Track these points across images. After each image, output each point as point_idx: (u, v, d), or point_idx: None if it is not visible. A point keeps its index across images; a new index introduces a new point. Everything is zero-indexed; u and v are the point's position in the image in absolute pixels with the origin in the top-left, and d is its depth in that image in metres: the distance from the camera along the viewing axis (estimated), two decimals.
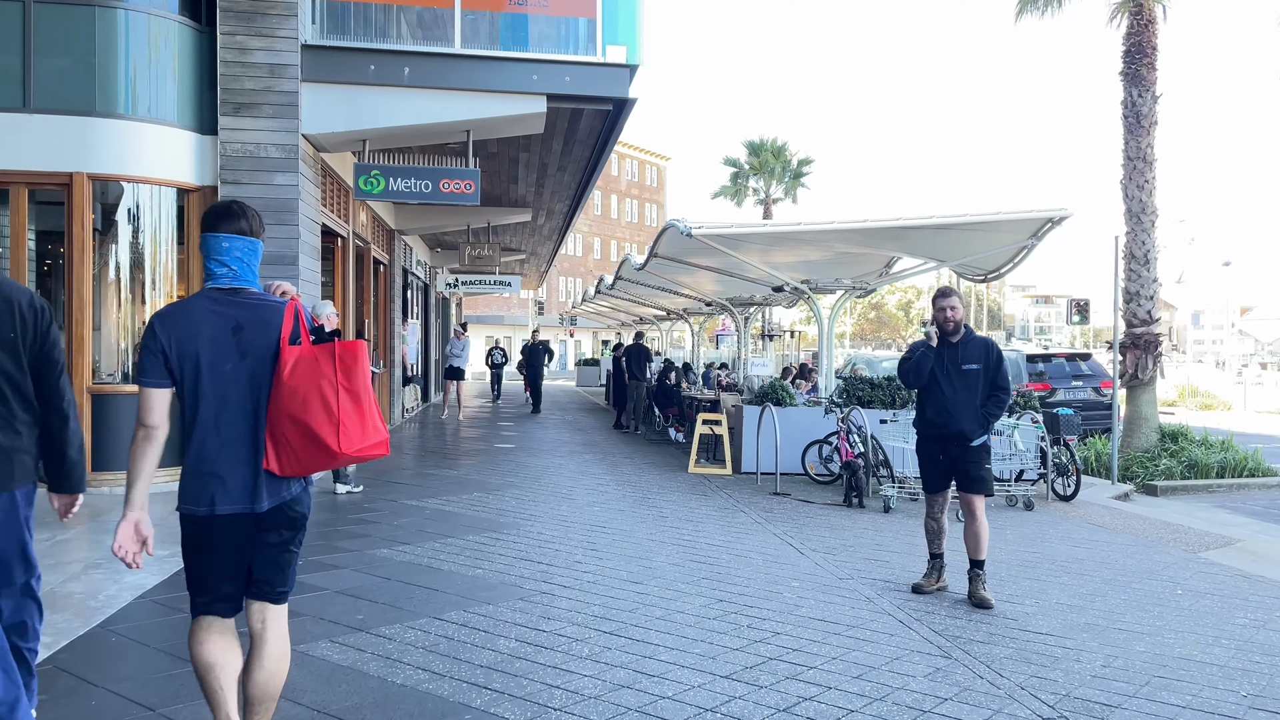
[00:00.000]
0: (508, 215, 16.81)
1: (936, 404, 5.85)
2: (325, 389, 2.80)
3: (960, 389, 5.78)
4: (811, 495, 10.04)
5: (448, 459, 12.11)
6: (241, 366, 2.89)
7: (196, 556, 2.97)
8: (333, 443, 2.77)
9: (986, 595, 5.67)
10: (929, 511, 6.04)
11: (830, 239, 12.80)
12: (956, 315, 5.86)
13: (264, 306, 2.94)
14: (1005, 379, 5.83)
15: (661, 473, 11.36)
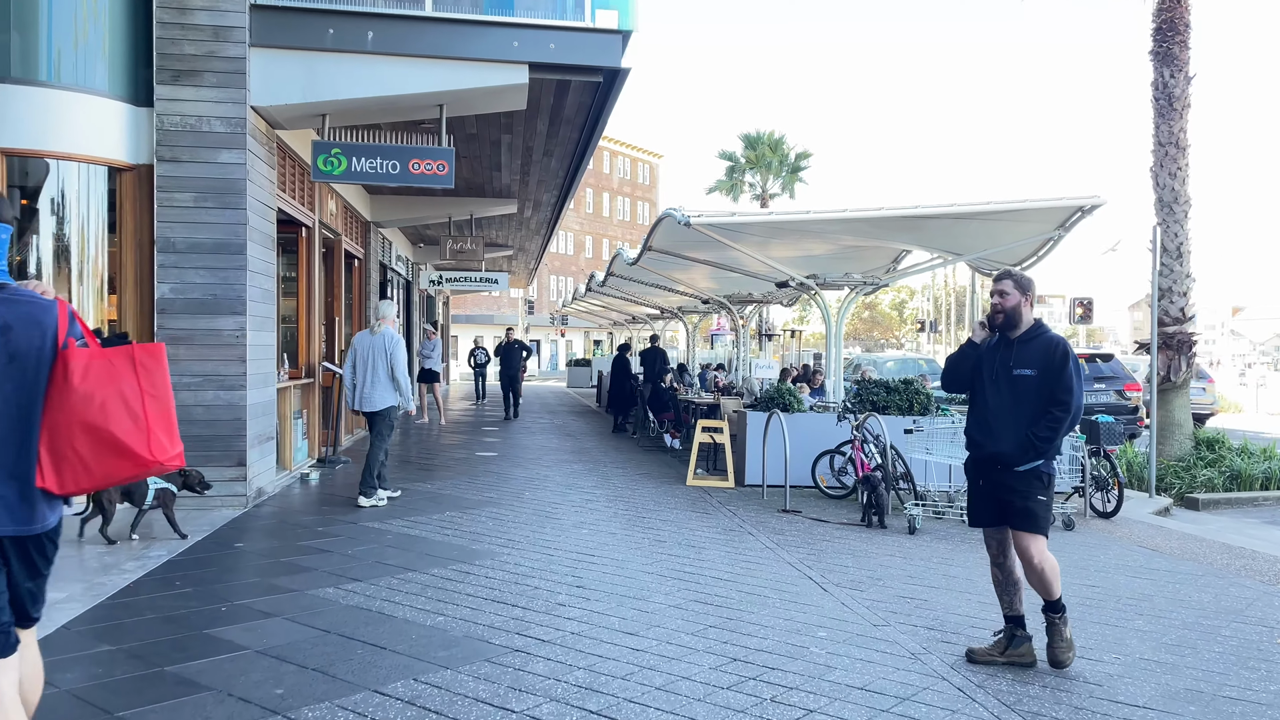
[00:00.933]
0: (492, 206, 15.75)
1: (977, 416, 4.73)
2: (128, 394, 2.59)
3: (1007, 399, 4.57)
4: (825, 512, 9.00)
5: (422, 470, 11.04)
6: (8, 371, 2.51)
7: None
8: (143, 450, 2.58)
9: (1063, 652, 4.55)
10: (991, 548, 4.82)
11: (838, 230, 11.79)
12: (1007, 304, 4.63)
13: (34, 304, 2.58)
14: (1067, 391, 4.47)
15: (657, 485, 10.32)
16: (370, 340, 8.62)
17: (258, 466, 8.46)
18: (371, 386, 8.54)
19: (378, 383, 8.51)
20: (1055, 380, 4.48)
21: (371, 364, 8.52)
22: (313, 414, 11.46)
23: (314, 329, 11.45)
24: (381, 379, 8.50)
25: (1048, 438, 4.45)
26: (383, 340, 8.57)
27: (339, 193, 12.81)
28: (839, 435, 10.00)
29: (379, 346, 8.56)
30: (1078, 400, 4.46)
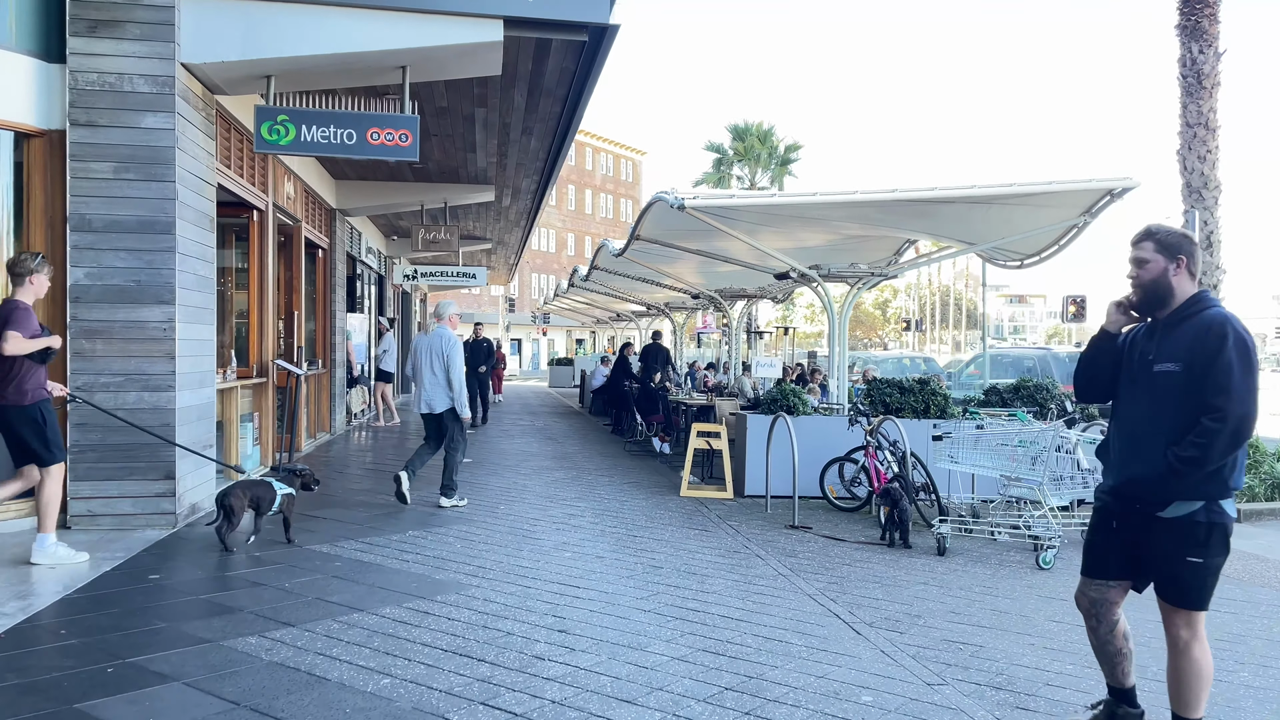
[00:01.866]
0: (467, 194, 14.66)
1: (1112, 433, 3.52)
2: None
3: (1144, 406, 3.37)
4: (838, 528, 8.01)
5: (385, 480, 9.95)
6: None
7: None
8: None
9: None
10: (1082, 605, 3.60)
11: (842, 216, 10.81)
12: (1146, 274, 3.37)
13: None
14: (1220, 390, 3.15)
15: (648, 497, 9.29)
16: (427, 341, 8.37)
17: (191, 479, 7.36)
18: (432, 388, 8.30)
19: (437, 384, 8.27)
20: (1205, 375, 3.19)
21: (429, 365, 8.26)
22: (266, 418, 10.35)
23: (268, 324, 10.35)
24: (441, 380, 8.27)
25: (1194, 459, 3.15)
26: (439, 340, 8.28)
27: (297, 174, 11.70)
28: (849, 441, 9.01)
29: (434, 347, 8.28)
30: (1242, 405, 3.14)
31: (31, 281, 5.69)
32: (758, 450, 9.34)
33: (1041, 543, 6.94)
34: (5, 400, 5.55)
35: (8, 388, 5.54)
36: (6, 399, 5.55)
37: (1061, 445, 7.69)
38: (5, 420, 5.60)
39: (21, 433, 5.61)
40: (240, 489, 6.42)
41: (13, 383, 5.54)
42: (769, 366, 10.15)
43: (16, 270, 5.70)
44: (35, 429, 5.61)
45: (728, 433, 9.57)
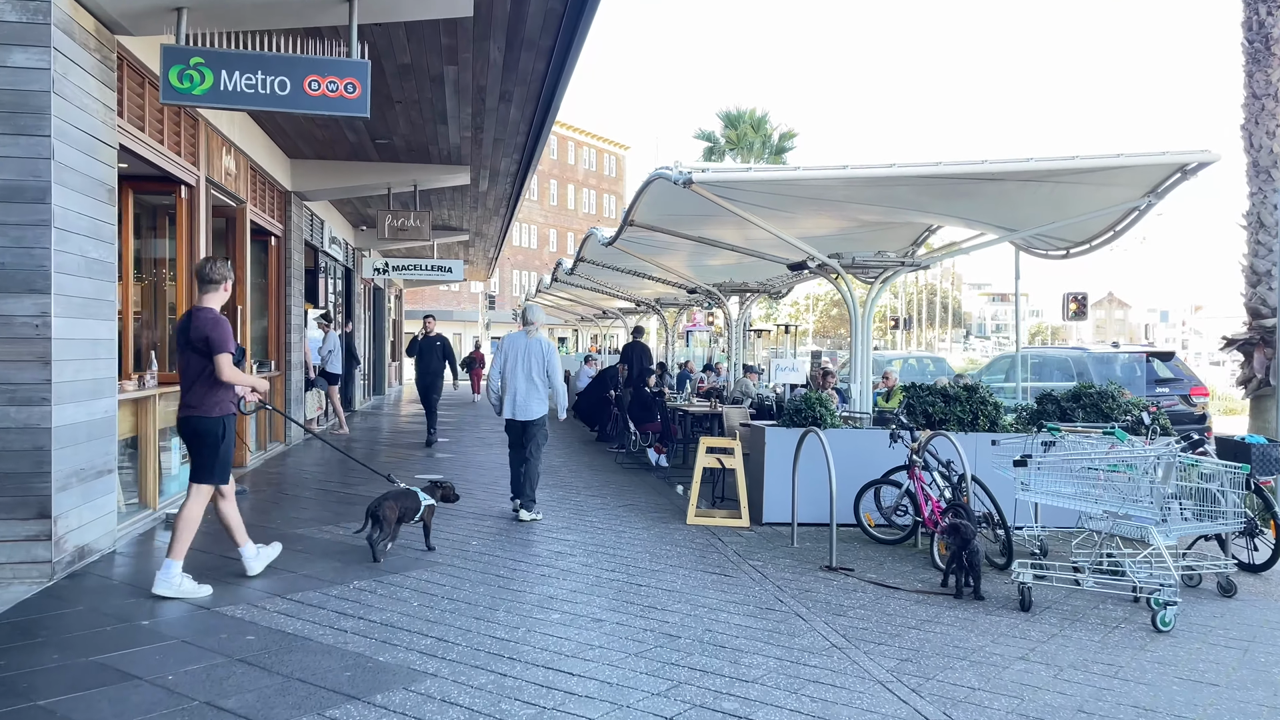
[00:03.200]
0: (439, 175, 13.12)
1: None
2: None
3: None
4: (884, 568, 6.57)
5: (332, 506, 8.43)
6: None
7: None
8: None
9: None
10: None
11: (870, 195, 9.39)
12: None
13: None
14: None
15: (650, 524, 7.83)
16: (527, 343, 8.06)
17: (76, 516, 5.82)
18: (528, 394, 8.02)
19: (534, 390, 8.03)
20: None
21: (528, 369, 7.99)
22: None
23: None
24: (541, 386, 8.04)
25: None
26: (540, 344, 8.08)
27: (240, 148, 10.13)
28: (887, 459, 7.58)
29: (536, 351, 8.03)
30: None
31: (225, 289, 5.50)
32: (781, 470, 7.90)
33: (1151, 595, 5.53)
34: (192, 410, 5.35)
35: (195, 396, 5.34)
36: (194, 409, 5.34)
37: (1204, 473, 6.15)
38: (190, 431, 5.41)
39: (200, 445, 5.40)
40: (392, 500, 6.38)
41: (201, 392, 5.33)
42: (790, 370, 8.65)
43: (210, 276, 5.42)
44: (213, 444, 5.39)
45: (741, 448, 8.11)
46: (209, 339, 5.23)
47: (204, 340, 5.22)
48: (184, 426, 5.42)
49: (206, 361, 5.27)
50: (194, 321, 5.29)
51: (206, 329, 5.24)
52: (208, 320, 5.28)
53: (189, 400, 5.35)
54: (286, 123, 10.74)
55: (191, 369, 5.33)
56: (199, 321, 5.27)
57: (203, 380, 5.31)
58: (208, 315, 5.31)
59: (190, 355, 5.31)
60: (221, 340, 5.25)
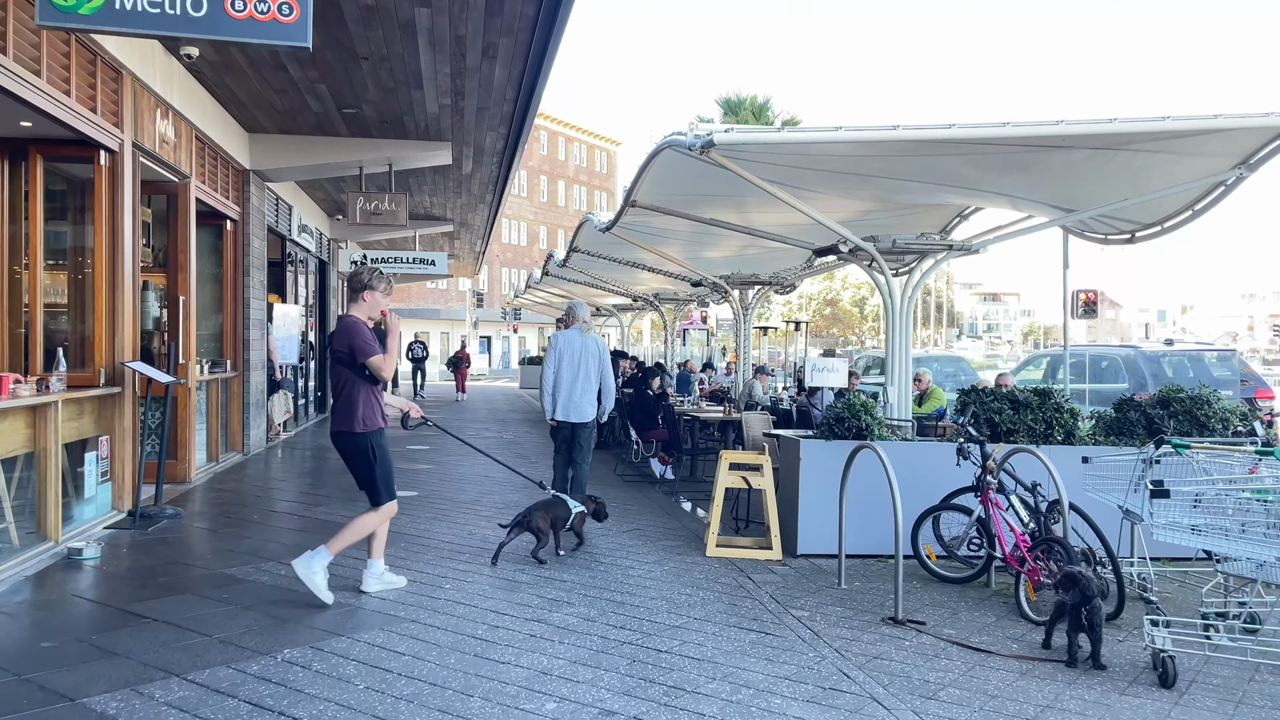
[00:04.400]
0: (417, 153, 11.74)
1: None
2: None
3: None
4: (959, 618, 5.25)
5: (284, 534, 7.05)
6: None
7: None
8: None
9: None
10: None
11: (915, 168, 8.11)
12: None
13: None
14: None
15: (663, 557, 6.48)
16: (582, 343, 7.71)
17: None
18: (583, 394, 7.66)
19: (588, 391, 7.68)
20: None
21: (581, 371, 7.64)
22: (122, 442, 7.40)
23: (124, 310, 7.40)
24: (594, 388, 7.71)
25: None
26: (595, 344, 7.78)
27: (180, 112, 8.74)
28: (947, 478, 6.27)
29: (592, 350, 7.71)
30: None
31: (365, 298, 5.26)
32: (819, 491, 6.56)
33: None
34: (340, 427, 5.17)
35: (342, 412, 5.16)
36: (341, 426, 5.16)
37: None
38: (341, 450, 5.26)
39: (355, 465, 5.23)
40: (542, 509, 6.31)
41: (347, 407, 5.14)
42: (830, 371, 7.23)
43: (353, 285, 5.31)
44: (366, 463, 5.18)
45: (770, 464, 6.75)
46: (352, 347, 5.05)
47: (348, 349, 5.06)
48: (335, 444, 5.25)
49: (352, 374, 5.10)
50: (337, 330, 5.18)
51: (348, 337, 5.07)
52: (346, 327, 5.11)
53: (336, 416, 5.17)
54: (238, 85, 9.34)
55: (338, 382, 5.18)
56: (340, 329, 5.15)
57: (349, 394, 5.12)
58: (347, 322, 5.13)
59: (338, 368, 5.16)
60: (366, 346, 5.05)
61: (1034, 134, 6.78)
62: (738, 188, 9.03)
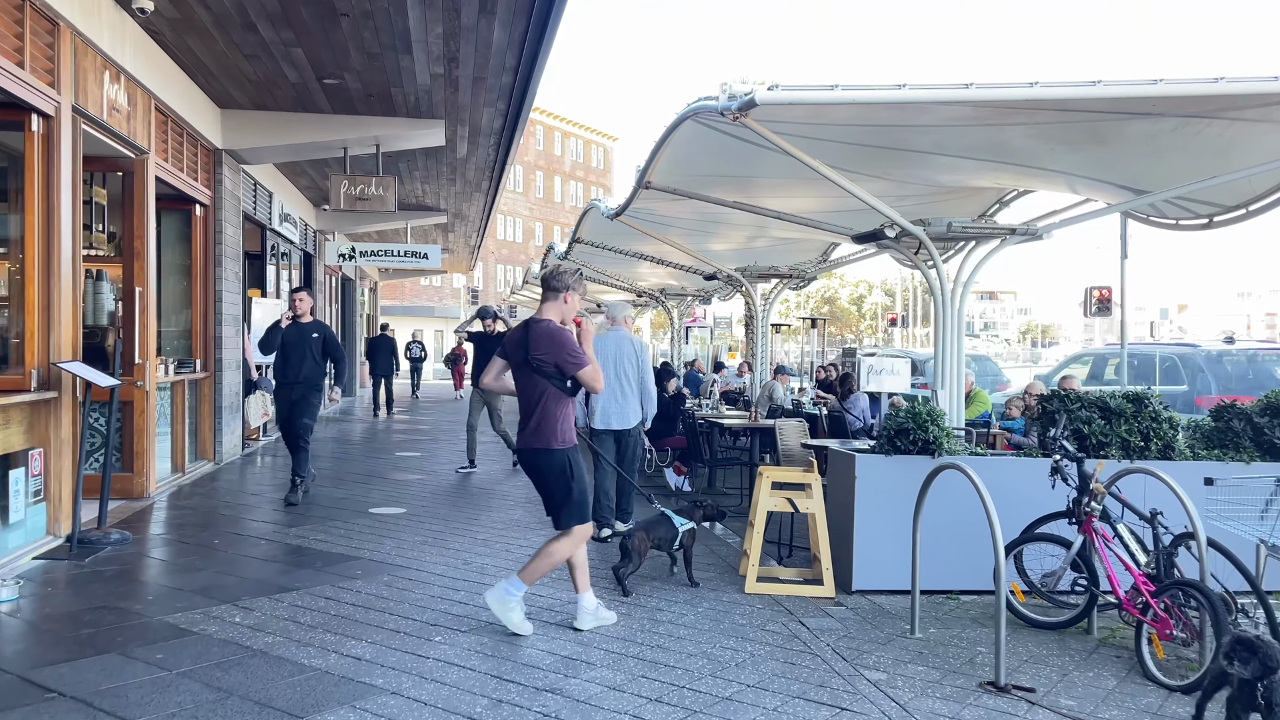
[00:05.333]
0: (407, 131, 10.69)
1: None
2: None
3: None
4: (1074, 684, 4.23)
5: (248, 565, 6.00)
6: None
7: None
8: None
9: None
10: None
11: (977, 137, 7.09)
12: None
13: None
14: None
15: (694, 596, 5.45)
16: (618, 343, 7.11)
17: None
18: (623, 400, 7.09)
19: (629, 395, 7.12)
20: None
21: (623, 371, 7.07)
22: (58, 455, 6.34)
23: (61, 303, 6.34)
24: (634, 391, 7.16)
25: None
26: (631, 344, 7.22)
27: (135, 77, 7.68)
28: (1029, 500, 5.27)
29: (629, 352, 7.16)
30: None
31: (566, 300, 4.76)
32: (879, 516, 5.55)
33: None
34: (532, 442, 4.61)
35: (533, 426, 4.60)
36: (533, 440, 4.60)
37: None
38: (532, 468, 4.69)
39: (547, 484, 4.67)
40: (643, 531, 5.65)
41: (539, 419, 4.59)
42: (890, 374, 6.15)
43: (551, 284, 4.77)
44: (563, 482, 4.62)
45: (819, 483, 5.72)
46: (559, 357, 4.56)
47: (551, 359, 4.56)
48: (524, 461, 4.75)
49: (549, 386, 4.59)
50: (532, 335, 4.62)
51: (554, 345, 4.57)
52: (550, 334, 4.59)
53: (527, 430, 4.65)
54: (202, 49, 8.29)
55: (530, 392, 4.64)
56: (538, 335, 4.60)
57: (547, 408, 4.60)
58: (550, 329, 4.62)
59: (530, 376, 4.61)
60: (576, 356, 4.58)
61: (1128, 94, 5.75)
62: (764, 167, 8.06)
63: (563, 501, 4.66)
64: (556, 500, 4.68)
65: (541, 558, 4.67)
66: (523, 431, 4.68)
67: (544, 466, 4.64)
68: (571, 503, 4.66)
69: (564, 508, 4.67)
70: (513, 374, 4.74)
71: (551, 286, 4.76)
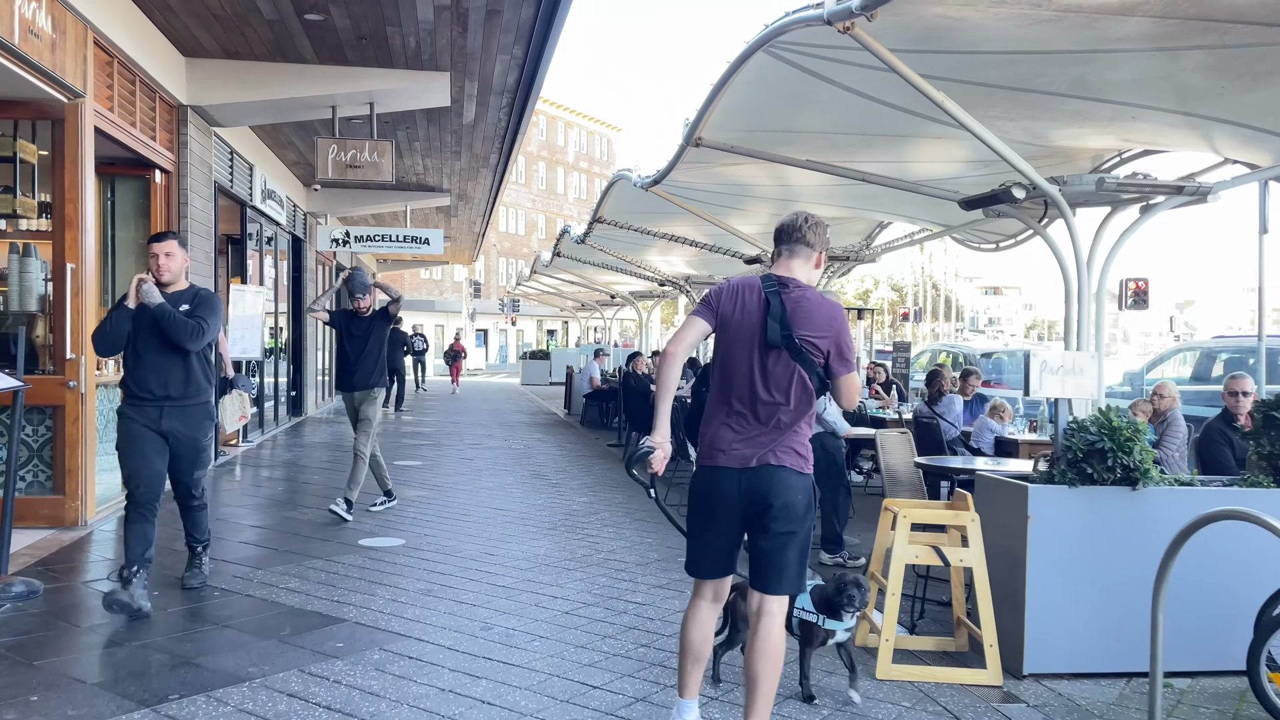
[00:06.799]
0: (405, 85, 9.06)
1: None
2: None
3: None
4: None
5: (189, 643, 4.43)
6: None
7: None
8: None
9: None
10: None
11: (1145, 66, 5.52)
12: None
13: None
14: None
15: (799, 683, 3.88)
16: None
17: None
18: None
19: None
20: None
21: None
22: None
23: None
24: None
25: None
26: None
27: (67, 1, 6.09)
28: (1254, 552, 3.71)
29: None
30: None
31: (818, 262, 3.22)
32: (1062, 570, 4.00)
33: None
34: (777, 459, 3.02)
35: (779, 438, 3.04)
36: (779, 458, 3.02)
37: None
38: (775, 493, 2.99)
39: (791, 523, 3.02)
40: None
41: (790, 430, 3.06)
42: (1072, 373, 4.53)
43: (802, 237, 3.19)
44: (807, 519, 3.06)
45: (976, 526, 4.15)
46: (841, 351, 3.06)
47: (828, 344, 3.03)
48: (763, 488, 3.00)
49: (808, 382, 3.02)
50: (797, 303, 3.03)
51: (834, 325, 3.04)
52: (828, 310, 3.05)
53: (768, 443, 3.02)
54: None
55: (783, 383, 3.02)
56: (811, 306, 3.04)
57: (801, 413, 3.06)
58: (819, 299, 3.06)
59: (775, 360, 3.02)
60: (852, 350, 3.11)
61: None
62: (836, 117, 6.57)
63: (801, 555, 3.08)
64: (796, 553, 3.06)
65: (766, 675, 2.99)
66: (753, 437, 3.02)
67: (792, 492, 3.01)
68: (805, 555, 3.12)
69: (802, 563, 3.10)
70: (725, 351, 3.11)
71: (800, 239, 3.16)
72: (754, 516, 3.04)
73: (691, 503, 3.16)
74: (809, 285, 3.14)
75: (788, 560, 3.04)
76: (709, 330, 3.16)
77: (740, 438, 3.05)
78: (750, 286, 3.12)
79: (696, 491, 3.14)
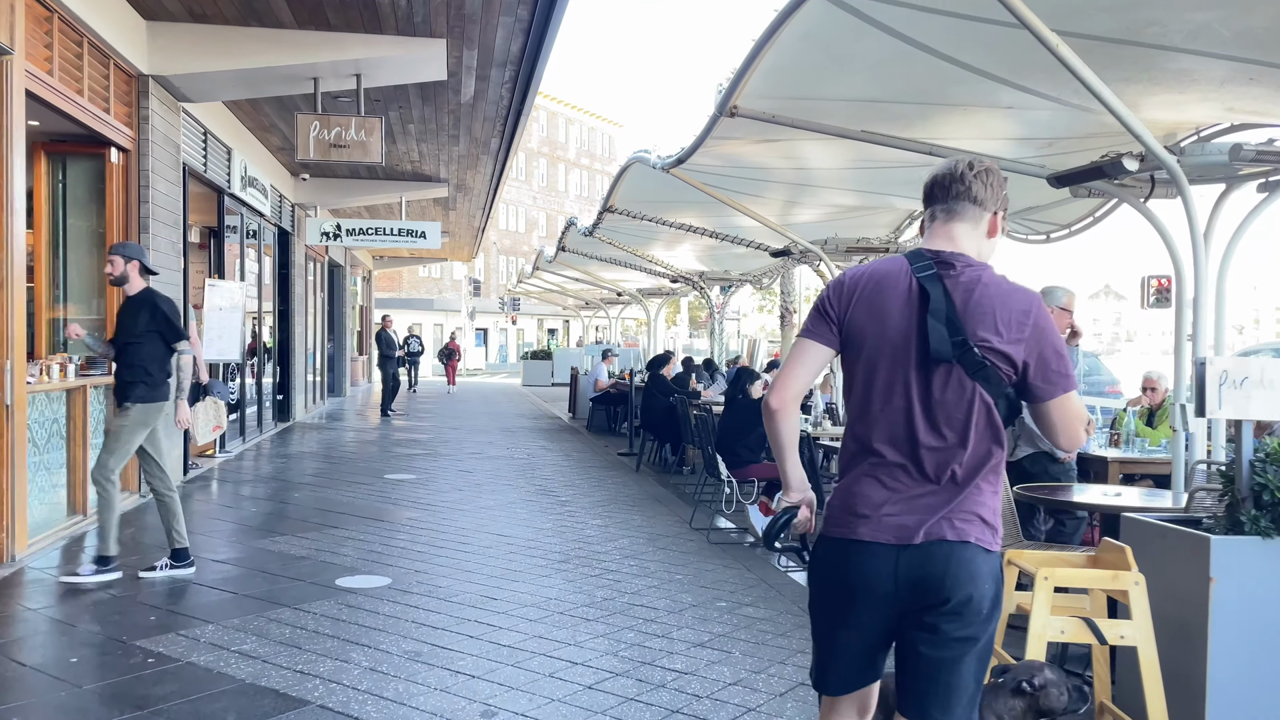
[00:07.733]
0: (396, 53, 8.04)
1: None
2: None
3: None
4: None
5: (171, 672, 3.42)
6: None
7: None
8: None
9: None
10: None
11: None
12: None
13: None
14: None
15: None
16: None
17: None
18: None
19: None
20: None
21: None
22: None
23: None
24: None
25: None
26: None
27: None
28: None
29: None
30: None
31: (992, 230, 2.29)
32: (1254, 651, 2.98)
33: None
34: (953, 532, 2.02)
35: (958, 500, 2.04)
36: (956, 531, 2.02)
37: None
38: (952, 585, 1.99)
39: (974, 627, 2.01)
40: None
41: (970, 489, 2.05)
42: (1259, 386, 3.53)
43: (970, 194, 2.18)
44: (990, 620, 2.05)
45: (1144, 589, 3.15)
46: (1045, 361, 2.03)
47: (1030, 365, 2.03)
48: (927, 566, 1.98)
49: (986, 404, 2.01)
50: (972, 293, 2.02)
51: (1040, 334, 2.02)
52: (1017, 300, 2.04)
53: (943, 492, 2.02)
54: None
55: (957, 416, 2.01)
56: (996, 298, 2.03)
57: (986, 446, 2.03)
58: (1010, 289, 2.06)
59: (956, 384, 2.01)
60: (1066, 359, 2.07)
61: None
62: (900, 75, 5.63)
63: (979, 673, 2.05)
64: (960, 669, 2.01)
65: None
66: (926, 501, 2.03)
67: (966, 582, 1.98)
68: (984, 672, 2.08)
69: (979, 684, 2.07)
70: (862, 375, 2.11)
71: (964, 194, 2.11)
72: (916, 613, 2.01)
73: (815, 589, 2.15)
74: (984, 264, 2.12)
75: (961, 679, 2.00)
76: (829, 356, 2.16)
77: (895, 498, 2.03)
78: (890, 275, 2.09)
79: (824, 574, 2.12)
